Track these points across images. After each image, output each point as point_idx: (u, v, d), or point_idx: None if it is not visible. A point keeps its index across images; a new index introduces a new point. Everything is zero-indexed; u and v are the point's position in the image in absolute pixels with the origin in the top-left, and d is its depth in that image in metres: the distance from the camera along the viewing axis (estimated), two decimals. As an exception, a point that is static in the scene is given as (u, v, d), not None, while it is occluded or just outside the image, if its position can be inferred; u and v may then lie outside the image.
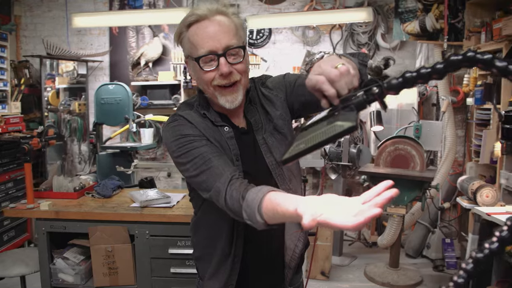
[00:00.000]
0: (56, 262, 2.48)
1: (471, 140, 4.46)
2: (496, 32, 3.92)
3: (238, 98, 1.30)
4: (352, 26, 5.06)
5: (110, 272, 2.42)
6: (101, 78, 5.38)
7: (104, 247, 2.39)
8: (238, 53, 1.27)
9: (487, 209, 2.91)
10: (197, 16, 1.24)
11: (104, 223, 2.40)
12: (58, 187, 2.68)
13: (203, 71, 1.26)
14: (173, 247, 2.36)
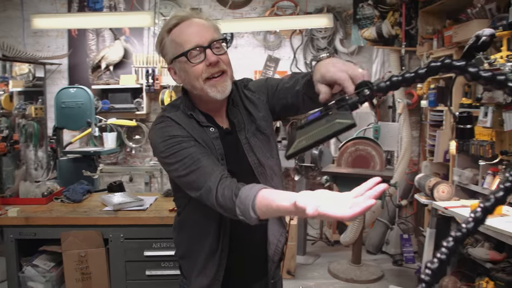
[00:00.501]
0: (25, 270, 2.42)
1: (426, 140, 4.71)
2: (447, 39, 4.17)
3: (228, 87, 1.35)
4: (312, 31, 5.21)
5: (83, 278, 2.39)
6: (59, 81, 5.25)
7: (77, 252, 2.37)
8: (222, 46, 1.34)
9: (444, 204, 3.10)
10: (178, 19, 1.33)
11: (76, 228, 2.37)
12: (25, 193, 2.62)
13: (191, 65, 1.31)
14: (149, 249, 2.37)
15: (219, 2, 5.25)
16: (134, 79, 4.95)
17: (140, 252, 2.37)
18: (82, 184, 2.81)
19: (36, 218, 2.36)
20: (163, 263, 2.37)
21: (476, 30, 3.50)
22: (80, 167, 4.15)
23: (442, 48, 4.31)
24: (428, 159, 4.50)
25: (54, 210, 2.51)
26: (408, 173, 4.78)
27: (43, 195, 2.62)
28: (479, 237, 3.60)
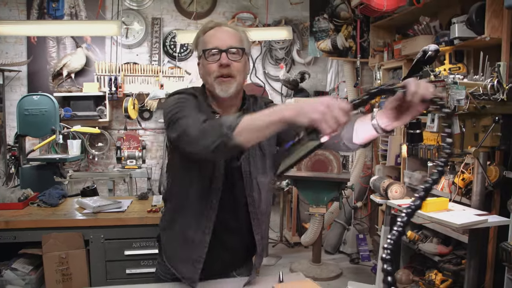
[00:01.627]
0: (4, 274, 2.46)
1: (378, 146, 5.04)
2: (396, 52, 4.53)
3: (231, 89, 1.52)
4: (271, 42, 5.46)
5: (64, 279, 2.46)
6: (18, 88, 5.19)
7: (58, 254, 2.44)
8: (238, 53, 1.53)
9: (397, 202, 3.39)
10: (214, 24, 1.57)
11: (57, 230, 2.45)
12: (0, 198, 2.65)
13: (207, 62, 1.52)
14: (129, 248, 2.48)
15: (180, 12, 5.40)
16: (97, 87, 4.98)
17: (121, 252, 2.48)
18: (57, 189, 2.87)
19: (16, 221, 2.41)
20: (143, 261, 2.49)
21: (422, 44, 3.86)
22: (43, 174, 4.14)
23: (392, 60, 4.67)
24: (381, 163, 4.83)
25: (33, 214, 2.56)
26: (363, 176, 5.10)
27: (20, 200, 2.67)
28: (428, 233, 3.93)
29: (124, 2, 5.23)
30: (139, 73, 5.08)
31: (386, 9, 4.03)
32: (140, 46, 5.35)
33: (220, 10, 5.46)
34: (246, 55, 1.58)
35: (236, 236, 1.65)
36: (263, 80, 5.54)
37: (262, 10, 5.38)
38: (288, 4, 5.49)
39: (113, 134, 5.26)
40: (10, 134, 5.07)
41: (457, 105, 2.84)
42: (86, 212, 2.58)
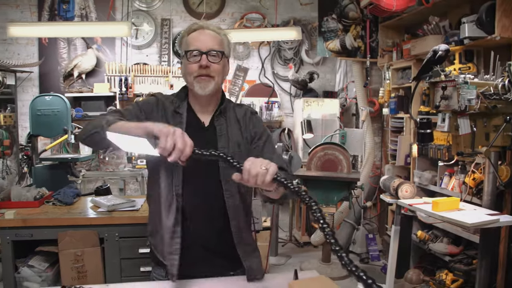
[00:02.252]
0: (21, 270, 2.50)
1: (387, 145, 5.05)
2: (405, 52, 4.53)
3: (209, 87, 1.61)
4: (279, 42, 5.48)
5: (79, 276, 2.50)
6: (30, 89, 5.25)
7: (74, 252, 2.48)
8: (218, 56, 1.62)
9: (408, 201, 3.39)
10: (197, 26, 1.65)
11: (72, 228, 2.48)
12: (17, 196, 2.70)
13: (188, 62, 1.61)
14: (143, 247, 2.51)
15: (189, 13, 5.44)
16: (108, 87, 5.03)
17: (135, 250, 2.51)
18: (72, 188, 2.90)
19: (33, 219, 2.45)
20: (157, 259, 2.51)
21: (431, 44, 3.87)
22: (55, 173, 4.19)
23: (401, 60, 4.67)
24: (390, 162, 4.84)
25: (48, 212, 2.60)
26: (372, 176, 5.11)
27: (35, 199, 2.71)
28: (438, 233, 3.94)
29: (133, 3, 5.28)
30: (149, 73, 5.13)
31: (395, 9, 4.05)
32: (150, 46, 5.39)
33: (229, 11, 5.50)
34: (226, 57, 1.67)
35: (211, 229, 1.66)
36: (272, 80, 5.57)
37: (271, 10, 5.40)
38: (296, 5, 5.51)
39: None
40: (22, 134, 5.14)
41: (468, 104, 2.85)
42: (100, 210, 2.62)
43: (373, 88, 5.29)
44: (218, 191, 1.63)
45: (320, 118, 5.15)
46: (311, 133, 4.68)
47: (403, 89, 4.69)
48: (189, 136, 1.55)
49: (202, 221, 1.64)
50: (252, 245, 1.73)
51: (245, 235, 1.68)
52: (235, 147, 1.66)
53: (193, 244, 1.63)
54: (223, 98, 1.75)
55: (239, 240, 1.66)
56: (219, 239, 1.66)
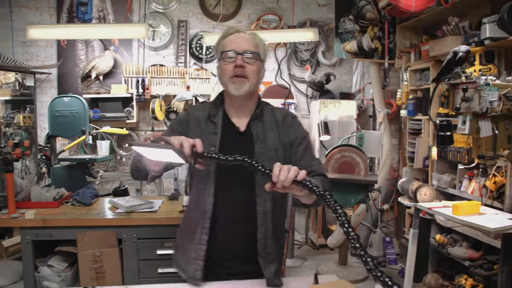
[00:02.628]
0: (41, 270, 2.52)
1: (405, 148, 4.99)
2: (424, 53, 4.47)
3: (244, 88, 1.63)
4: (296, 44, 5.46)
5: (97, 276, 2.51)
6: (49, 90, 5.32)
7: (92, 252, 2.49)
8: (253, 57, 1.63)
9: (427, 205, 3.34)
10: (234, 30, 1.70)
11: (91, 229, 2.50)
12: (37, 197, 2.73)
13: (224, 63, 1.64)
14: (161, 248, 2.52)
15: (205, 15, 5.45)
16: (125, 89, 5.07)
17: (153, 251, 2.52)
18: (90, 189, 2.92)
19: (53, 220, 2.48)
20: (175, 261, 2.51)
21: (451, 45, 3.81)
22: (73, 174, 4.23)
23: (419, 61, 4.62)
24: (408, 165, 4.78)
25: (68, 212, 2.62)
26: (389, 178, 5.06)
27: (55, 199, 2.73)
28: (457, 237, 3.88)
29: (150, 5, 5.31)
30: (166, 75, 5.15)
31: (414, 9, 3.99)
32: (167, 48, 5.42)
33: (245, 12, 5.49)
34: (261, 61, 1.69)
35: (238, 235, 1.67)
36: (288, 82, 5.55)
37: (287, 12, 5.39)
38: (313, 6, 5.48)
39: (140, 135, 5.34)
40: (41, 135, 5.20)
41: (490, 106, 2.80)
42: (119, 211, 2.63)
43: (390, 89, 5.24)
44: (250, 198, 1.64)
45: (337, 120, 5.11)
46: (328, 135, 4.65)
47: (421, 91, 4.64)
48: (225, 142, 1.65)
49: (230, 226, 1.65)
50: (275, 254, 1.72)
51: (270, 243, 1.67)
52: (271, 152, 1.66)
53: (218, 249, 1.65)
54: (259, 102, 1.75)
55: (263, 248, 1.66)
56: (244, 245, 1.66)
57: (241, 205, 1.65)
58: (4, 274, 2.61)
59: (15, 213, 2.53)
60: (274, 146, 1.68)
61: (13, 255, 4.19)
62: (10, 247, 4.19)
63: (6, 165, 2.55)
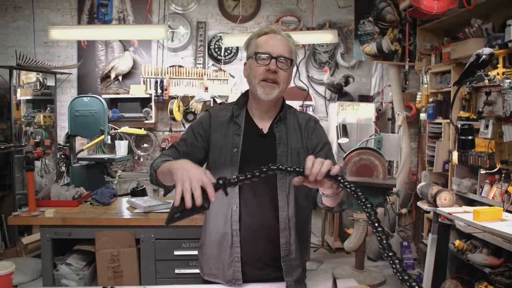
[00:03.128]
0: (59, 268, 2.55)
1: (424, 151, 4.93)
2: (445, 56, 4.40)
3: (273, 94, 1.59)
4: (314, 45, 5.43)
5: (115, 276, 2.52)
6: (69, 90, 5.38)
7: (110, 252, 2.51)
8: (286, 63, 1.60)
9: (447, 210, 3.29)
10: (269, 29, 1.64)
11: (109, 228, 2.51)
12: (56, 195, 2.75)
13: (256, 64, 1.59)
14: (178, 249, 2.52)
15: (224, 16, 5.46)
16: (143, 89, 5.10)
17: (170, 252, 2.52)
18: (109, 188, 2.95)
19: (72, 218, 2.50)
20: (191, 262, 2.52)
21: (473, 48, 3.75)
22: (92, 173, 4.28)
23: (440, 64, 4.56)
24: (427, 169, 4.72)
25: (86, 211, 2.65)
26: (407, 182, 5.00)
27: (74, 198, 2.75)
28: (477, 243, 3.80)
29: (170, 7, 5.34)
30: (184, 76, 5.17)
31: (436, 11, 3.94)
32: (185, 49, 5.44)
33: (264, 14, 5.49)
34: (293, 66, 1.64)
35: (262, 239, 1.65)
36: (307, 84, 5.52)
37: (306, 13, 5.37)
38: (332, 7, 5.45)
39: (158, 135, 5.37)
40: (60, 134, 5.27)
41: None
42: (137, 211, 2.64)
43: (410, 92, 5.18)
44: (272, 203, 1.62)
45: (355, 123, 5.07)
46: (346, 137, 4.62)
47: (442, 94, 4.57)
48: (247, 144, 1.62)
49: (252, 231, 1.63)
50: (299, 260, 1.69)
51: (293, 249, 1.65)
52: (294, 155, 1.64)
53: (243, 253, 1.63)
54: (283, 105, 1.73)
55: (286, 253, 1.64)
56: (267, 250, 1.65)
57: (263, 209, 1.63)
58: (23, 271, 2.64)
59: (35, 211, 2.56)
60: (297, 149, 1.66)
61: (32, 253, 4.26)
62: (29, 244, 4.26)
63: (27, 164, 2.59)
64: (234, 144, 1.63)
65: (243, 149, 1.62)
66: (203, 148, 1.68)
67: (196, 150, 1.66)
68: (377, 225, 1.03)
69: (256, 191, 1.60)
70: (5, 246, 4.62)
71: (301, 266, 1.71)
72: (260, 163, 1.40)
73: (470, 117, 3.95)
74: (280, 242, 1.62)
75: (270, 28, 1.64)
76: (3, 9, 5.31)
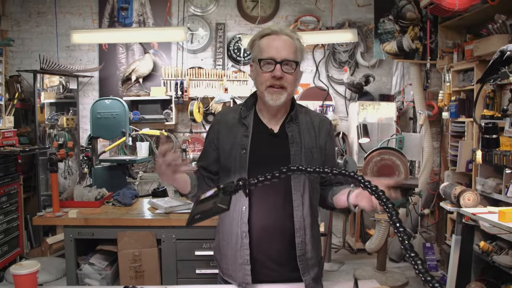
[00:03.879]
0: (83, 268, 2.59)
1: (447, 151, 4.84)
2: (467, 53, 4.32)
3: (281, 100, 1.58)
4: (334, 45, 5.40)
5: (137, 276, 2.55)
6: (91, 93, 5.47)
7: (132, 252, 2.53)
8: (291, 66, 1.56)
9: (471, 210, 3.22)
10: (270, 31, 1.60)
11: (131, 229, 2.54)
12: (79, 196, 2.80)
13: (261, 71, 1.57)
14: (199, 249, 2.54)
15: (243, 17, 5.47)
16: (164, 91, 5.15)
17: (191, 252, 2.54)
18: (130, 189, 2.98)
19: (94, 219, 2.54)
20: (212, 262, 2.52)
21: (497, 44, 3.67)
22: (114, 174, 4.33)
23: (462, 61, 4.47)
24: (450, 168, 4.64)
25: (108, 212, 2.68)
26: (430, 182, 4.92)
27: (96, 199, 2.80)
28: (503, 244, 3.72)
29: (189, 9, 5.38)
30: (204, 77, 5.20)
31: (458, 8, 3.88)
32: (205, 51, 5.47)
33: (283, 14, 5.48)
34: (299, 66, 1.61)
35: (276, 239, 1.64)
36: (326, 84, 5.49)
37: (325, 13, 5.33)
38: (351, 6, 5.41)
39: (179, 136, 5.41)
40: (83, 136, 5.36)
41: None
42: (158, 212, 2.67)
43: (431, 91, 5.11)
44: (287, 202, 1.61)
45: (376, 122, 5.02)
46: (367, 137, 4.57)
47: (464, 92, 4.49)
48: (256, 145, 1.62)
49: (266, 231, 1.62)
50: (315, 258, 1.69)
51: (309, 248, 1.65)
52: (308, 154, 1.63)
53: (257, 254, 1.63)
54: (293, 103, 1.71)
55: (303, 253, 1.63)
56: (282, 250, 1.64)
57: (276, 209, 1.62)
58: (48, 270, 2.70)
59: (59, 212, 2.61)
60: (310, 148, 1.65)
61: (56, 252, 4.35)
62: (54, 244, 4.34)
63: (51, 165, 2.64)
64: (243, 146, 1.62)
65: (251, 150, 1.61)
66: (217, 156, 1.70)
67: (212, 161, 1.71)
68: (398, 225, 1.01)
69: (268, 191, 1.57)
70: (31, 246, 4.73)
71: (317, 265, 1.69)
72: (270, 164, 1.40)
73: (494, 115, 3.87)
74: (296, 242, 1.62)
75: (271, 29, 1.60)
76: (27, 15, 5.43)
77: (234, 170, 1.61)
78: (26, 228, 4.64)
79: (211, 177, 1.71)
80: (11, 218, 4.27)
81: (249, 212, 1.60)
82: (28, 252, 4.56)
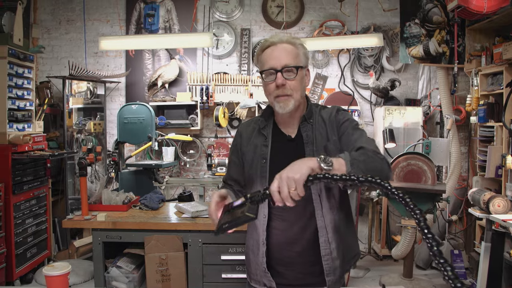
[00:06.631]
0: (110, 270, 2.62)
1: (475, 156, 4.75)
2: (496, 56, 4.24)
3: (289, 107, 1.61)
4: (359, 50, 5.37)
5: (163, 279, 2.57)
6: (117, 98, 5.56)
7: (158, 255, 2.56)
8: (293, 71, 1.60)
9: (501, 217, 3.15)
10: (269, 43, 1.64)
11: (158, 233, 2.57)
12: (107, 200, 2.85)
13: (265, 82, 1.63)
14: (225, 253, 2.54)
15: (268, 22, 5.49)
16: (189, 96, 5.21)
17: (217, 256, 2.55)
18: (157, 194, 3.01)
19: (122, 222, 2.57)
20: (238, 266, 2.53)
21: (528, 47, 3.57)
22: (140, 179, 4.39)
23: (491, 65, 4.39)
24: (478, 174, 4.54)
25: (136, 216, 2.72)
26: (458, 188, 4.83)
27: (124, 203, 2.84)
28: (535, 251, 3.62)
29: (214, 15, 5.43)
30: (229, 82, 5.23)
31: (486, 11, 3.82)
32: (230, 56, 5.51)
33: (308, 19, 5.48)
34: (302, 69, 1.64)
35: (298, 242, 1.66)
36: (352, 88, 5.46)
37: (350, 17, 5.31)
38: (377, 11, 5.37)
39: (204, 141, 5.46)
40: (109, 141, 5.45)
41: None
42: (184, 216, 2.69)
43: (459, 95, 5.02)
44: (308, 211, 1.63)
45: (402, 127, 4.96)
46: (393, 142, 4.52)
47: (493, 96, 4.40)
48: (275, 153, 1.66)
49: (289, 236, 1.65)
50: (340, 259, 1.67)
51: (334, 247, 1.64)
52: (321, 152, 1.62)
53: (279, 259, 1.67)
54: (308, 105, 1.73)
55: (327, 252, 1.62)
56: (305, 252, 1.66)
57: (296, 213, 1.63)
58: (76, 272, 2.74)
59: (87, 215, 2.65)
60: (323, 145, 1.64)
61: (83, 255, 4.42)
62: (80, 247, 4.42)
63: (80, 169, 2.70)
64: (263, 156, 1.67)
65: (271, 159, 1.66)
66: (243, 168, 1.76)
67: (239, 174, 1.78)
68: (426, 231, 0.99)
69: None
70: (58, 249, 4.83)
71: (340, 267, 1.68)
72: None
73: (525, 120, 3.78)
74: (320, 241, 1.62)
75: (269, 41, 1.64)
76: (57, 22, 5.57)
77: (256, 179, 1.67)
78: (54, 231, 4.74)
79: (241, 190, 1.79)
80: (40, 221, 4.37)
81: (268, 219, 1.65)
82: (55, 254, 4.66)
